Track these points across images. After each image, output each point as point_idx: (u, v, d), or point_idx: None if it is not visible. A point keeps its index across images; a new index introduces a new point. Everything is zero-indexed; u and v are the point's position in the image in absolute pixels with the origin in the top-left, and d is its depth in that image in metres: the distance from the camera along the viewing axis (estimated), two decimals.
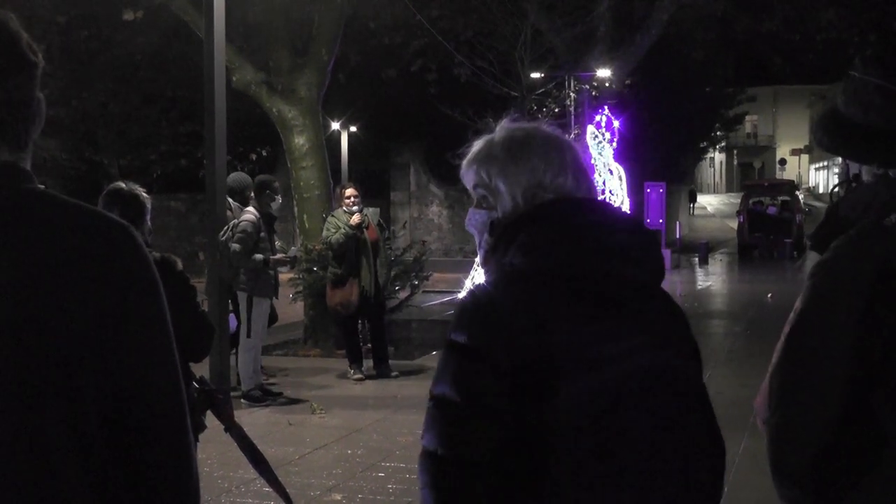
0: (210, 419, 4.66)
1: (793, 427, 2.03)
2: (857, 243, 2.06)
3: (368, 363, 11.31)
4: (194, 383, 4.49)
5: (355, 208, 10.82)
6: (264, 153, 30.20)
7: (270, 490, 4.82)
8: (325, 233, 11.07)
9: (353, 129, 28.02)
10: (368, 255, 10.87)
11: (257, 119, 19.79)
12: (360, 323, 11.52)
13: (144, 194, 4.59)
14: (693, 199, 64.04)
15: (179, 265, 4.55)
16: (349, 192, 10.93)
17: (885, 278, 1.98)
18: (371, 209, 11.38)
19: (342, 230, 10.71)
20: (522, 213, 2.19)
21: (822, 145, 2.29)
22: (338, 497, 6.82)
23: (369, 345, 11.59)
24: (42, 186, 1.78)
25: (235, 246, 9.58)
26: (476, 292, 2.12)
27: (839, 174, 2.84)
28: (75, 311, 1.67)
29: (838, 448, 1.99)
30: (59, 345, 1.66)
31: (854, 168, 2.31)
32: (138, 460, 1.74)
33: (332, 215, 11.07)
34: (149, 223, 4.60)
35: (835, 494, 2.02)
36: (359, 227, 10.75)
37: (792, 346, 2.07)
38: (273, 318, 10.57)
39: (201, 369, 9.04)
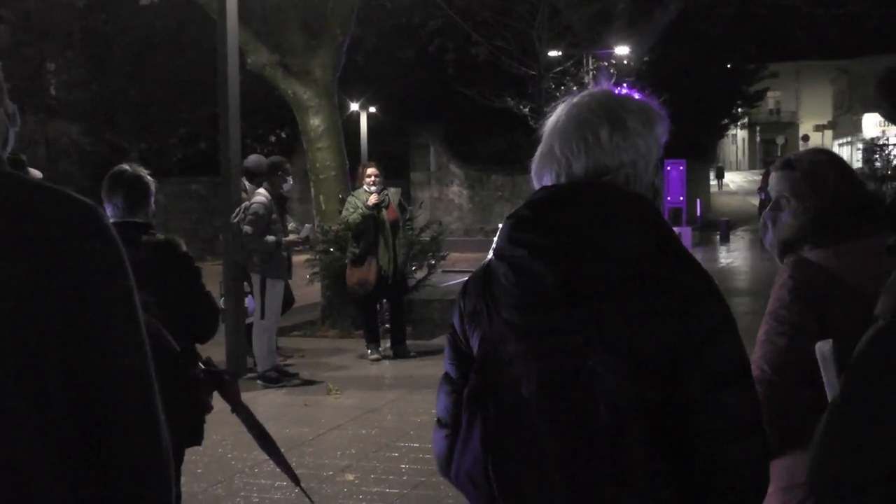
0: (221, 401, 4.65)
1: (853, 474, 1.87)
2: None
3: (386, 343, 11.31)
4: (200, 364, 4.49)
5: (374, 188, 10.79)
6: (283, 135, 30.24)
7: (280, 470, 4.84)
8: (343, 212, 11.06)
9: (372, 109, 28.03)
10: (387, 235, 10.84)
11: (276, 101, 19.83)
12: (379, 303, 11.50)
13: (148, 176, 4.59)
14: (721, 176, 64.31)
15: (183, 247, 4.54)
16: (370, 171, 10.90)
17: None
18: (393, 189, 11.33)
19: (360, 210, 10.69)
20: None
21: (885, 113, 2.20)
22: (350, 477, 6.83)
23: (387, 325, 11.59)
24: (9, 169, 1.76)
25: (247, 228, 9.59)
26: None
27: None
28: (34, 290, 1.66)
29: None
30: (18, 325, 1.65)
31: None
32: (106, 442, 1.73)
33: (352, 195, 11.05)
34: (153, 205, 4.59)
35: None
36: (377, 206, 10.73)
37: (864, 377, 1.89)
38: (290, 300, 10.57)
39: (218, 350, 9.10)
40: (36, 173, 4.88)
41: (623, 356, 2.02)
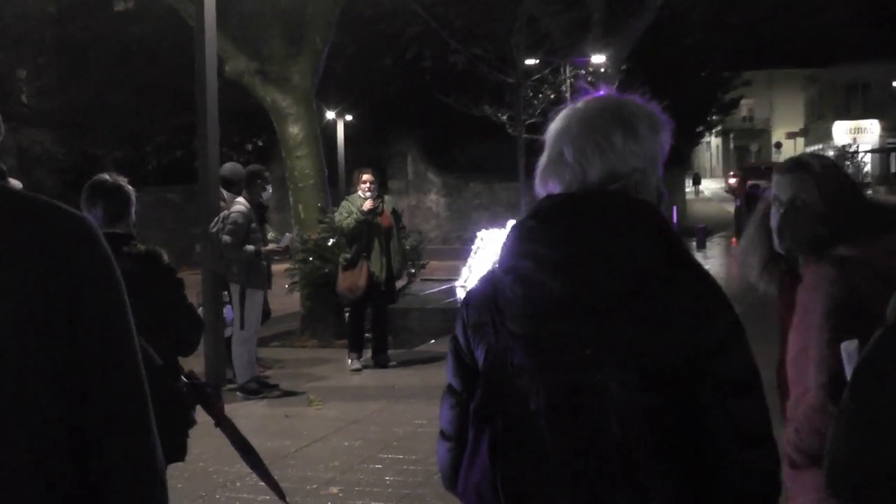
0: (202, 413, 4.56)
1: (869, 453, 1.90)
2: None
3: (366, 353, 11.20)
4: (183, 377, 4.39)
5: (369, 193, 10.73)
6: (260, 143, 30.10)
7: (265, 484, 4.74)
8: (337, 216, 10.96)
9: (349, 117, 27.94)
10: (381, 241, 10.79)
11: (253, 109, 19.70)
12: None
13: (128, 186, 4.48)
14: (697, 182, 64.98)
15: (165, 258, 4.44)
16: (366, 177, 10.85)
17: None
18: (387, 196, 11.37)
19: (354, 215, 10.63)
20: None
21: None
22: (335, 490, 6.73)
23: (367, 334, 11.47)
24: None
25: (226, 238, 9.45)
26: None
27: None
28: (25, 302, 1.67)
29: None
30: (12, 330, 1.66)
31: None
32: (98, 459, 1.73)
33: (347, 199, 10.97)
34: (133, 215, 4.49)
35: None
36: (372, 212, 10.67)
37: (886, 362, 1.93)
38: (266, 313, 10.40)
39: (197, 362, 8.97)
40: (16, 184, 4.77)
41: (633, 368, 1.99)
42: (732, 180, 73.27)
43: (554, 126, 2.21)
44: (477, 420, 2.15)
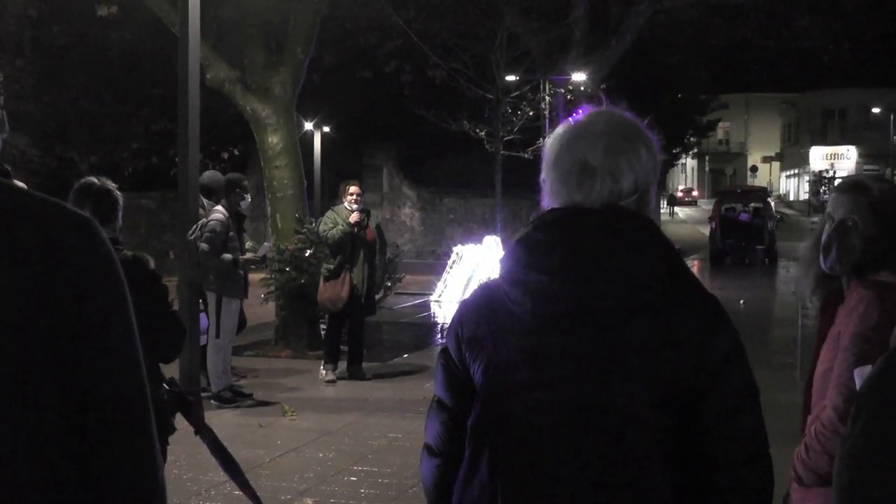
0: (180, 421, 4.55)
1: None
2: None
3: (341, 365, 11.18)
4: (164, 385, 4.38)
5: (356, 206, 10.74)
6: (236, 152, 30.02)
7: (241, 493, 4.73)
8: (322, 227, 10.92)
9: (326, 129, 27.91)
10: (365, 254, 10.80)
11: (229, 118, 19.64)
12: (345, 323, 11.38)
13: (116, 190, 4.48)
14: (673, 203, 65.43)
15: (151, 264, 4.44)
16: (352, 189, 10.86)
17: None
18: (372, 211, 11.39)
19: (340, 226, 10.63)
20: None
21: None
22: (309, 501, 6.71)
23: (342, 346, 11.46)
24: (5, 179, 1.74)
25: (204, 246, 9.43)
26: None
27: None
28: (26, 300, 1.66)
29: None
30: (8, 338, 1.64)
31: None
32: (98, 459, 1.73)
33: (333, 210, 10.96)
34: (120, 220, 4.49)
35: None
36: (358, 225, 10.68)
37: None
38: (242, 323, 10.37)
39: (170, 370, 8.93)
40: (19, 184, 4.76)
41: (641, 381, 2.00)
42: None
43: (564, 138, 2.18)
44: (475, 436, 2.13)
